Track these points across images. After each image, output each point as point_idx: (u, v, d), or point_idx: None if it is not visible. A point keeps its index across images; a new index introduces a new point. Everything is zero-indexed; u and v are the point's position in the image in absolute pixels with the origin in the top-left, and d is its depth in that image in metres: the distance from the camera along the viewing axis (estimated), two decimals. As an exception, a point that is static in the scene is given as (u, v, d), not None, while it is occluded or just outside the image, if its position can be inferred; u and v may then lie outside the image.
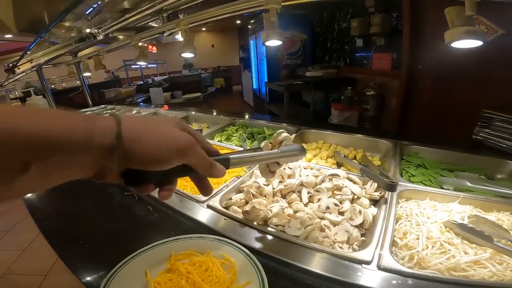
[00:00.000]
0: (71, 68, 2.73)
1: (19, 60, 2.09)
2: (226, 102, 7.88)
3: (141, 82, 5.81)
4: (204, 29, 9.68)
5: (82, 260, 0.65)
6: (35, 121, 0.26)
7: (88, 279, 0.59)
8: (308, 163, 0.99)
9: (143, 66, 6.08)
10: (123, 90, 4.42)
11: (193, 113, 1.97)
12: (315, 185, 0.81)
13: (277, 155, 0.56)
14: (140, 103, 3.83)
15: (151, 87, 4.33)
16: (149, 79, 6.01)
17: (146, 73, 6.75)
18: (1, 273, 1.97)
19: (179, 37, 2.30)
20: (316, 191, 0.79)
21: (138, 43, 1.56)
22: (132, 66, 5.90)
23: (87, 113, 2.46)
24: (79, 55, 2.48)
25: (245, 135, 1.43)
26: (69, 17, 1.70)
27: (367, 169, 0.85)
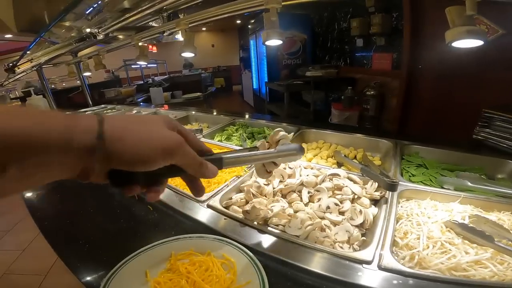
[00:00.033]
0: (71, 67, 2.74)
1: (19, 60, 2.09)
2: (226, 102, 7.88)
3: (141, 82, 5.82)
4: (204, 29, 9.69)
5: (82, 260, 0.65)
6: (12, 121, 0.25)
7: (88, 279, 0.58)
8: (309, 162, 0.99)
9: (143, 66, 6.09)
10: (123, 90, 4.42)
11: (193, 112, 1.97)
12: (315, 184, 0.81)
13: (273, 155, 0.54)
14: (140, 102, 3.83)
15: (151, 87, 4.34)
16: (149, 79, 6.01)
17: (146, 73, 6.75)
18: (1, 273, 1.97)
19: (179, 36, 2.30)
20: (317, 190, 0.79)
21: (138, 43, 1.56)
22: (132, 66, 5.90)
23: (87, 112, 2.46)
24: (79, 54, 2.48)
25: (245, 134, 1.43)
26: (69, 16, 1.70)
27: (367, 169, 0.85)
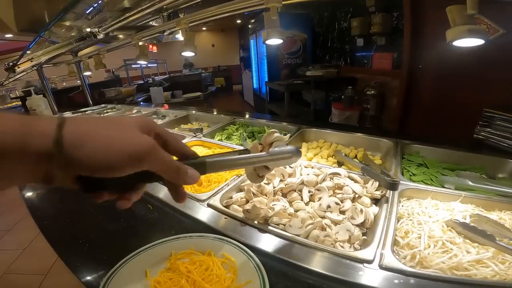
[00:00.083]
0: (71, 67, 2.74)
1: (19, 59, 2.09)
2: (227, 102, 7.89)
3: (141, 81, 5.83)
4: (204, 28, 9.69)
5: (82, 260, 0.64)
6: None
7: (88, 278, 0.58)
8: (309, 162, 0.99)
9: (143, 66, 6.09)
10: (123, 90, 4.42)
11: (194, 112, 1.97)
12: (316, 184, 0.81)
13: (265, 159, 0.50)
14: (140, 102, 3.83)
15: (151, 86, 4.34)
16: (149, 79, 6.02)
17: (146, 73, 6.76)
18: (1, 273, 1.97)
19: (179, 36, 2.30)
20: (317, 190, 0.79)
21: (139, 42, 1.56)
22: (133, 66, 5.90)
23: (87, 112, 2.46)
24: (79, 54, 2.48)
25: (245, 134, 1.43)
26: (69, 16, 1.70)
27: (368, 168, 0.84)
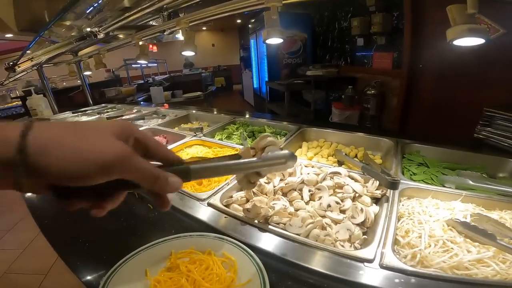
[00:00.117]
0: (71, 67, 2.74)
1: (19, 58, 2.09)
2: (227, 101, 7.89)
3: (141, 81, 5.83)
4: (204, 28, 9.69)
5: (82, 259, 0.64)
6: None
7: (88, 278, 0.58)
8: (309, 161, 0.99)
9: (143, 65, 6.09)
10: (123, 89, 4.43)
11: (194, 111, 1.97)
12: (316, 183, 0.81)
13: (257, 164, 0.47)
14: (140, 102, 3.83)
15: (151, 86, 4.34)
16: (149, 78, 6.01)
17: (146, 72, 6.75)
18: (2, 272, 1.97)
19: (179, 36, 2.30)
20: (317, 189, 0.79)
21: (139, 42, 1.56)
22: (133, 65, 5.90)
23: (87, 112, 2.46)
24: (79, 54, 2.48)
25: (245, 133, 1.43)
26: (69, 16, 1.70)
27: (368, 167, 0.84)
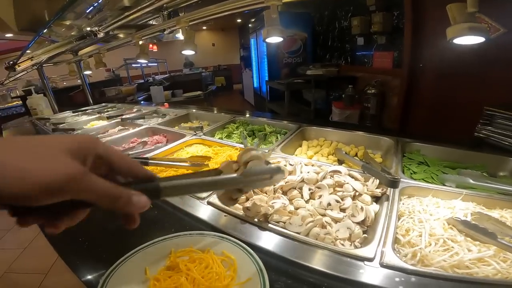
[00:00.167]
0: (71, 66, 2.74)
1: (19, 58, 2.09)
2: (227, 101, 7.89)
3: (142, 80, 5.83)
4: (204, 28, 9.69)
5: (82, 258, 0.64)
6: None
7: (89, 277, 0.58)
8: (309, 160, 0.99)
9: (144, 65, 6.10)
10: (123, 89, 4.43)
11: (194, 111, 1.97)
12: (316, 181, 0.81)
13: (238, 181, 0.42)
14: (141, 101, 3.83)
15: (152, 85, 4.35)
16: (149, 78, 6.02)
17: (147, 72, 6.76)
18: (2, 272, 1.97)
19: (179, 35, 2.30)
20: (317, 187, 0.78)
21: (139, 41, 1.55)
22: (133, 65, 5.91)
23: (87, 111, 2.46)
24: (79, 53, 2.48)
25: (245, 132, 1.42)
26: (69, 15, 1.70)
27: (368, 166, 0.84)
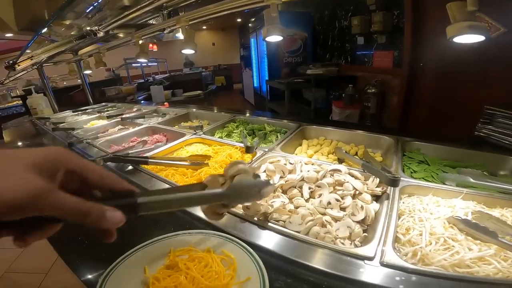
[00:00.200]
0: (71, 66, 2.74)
1: (19, 57, 2.09)
2: (227, 100, 7.89)
3: (142, 80, 5.83)
4: (204, 27, 9.68)
5: (82, 258, 0.64)
6: None
7: (89, 277, 0.58)
8: (309, 159, 0.98)
9: (144, 65, 6.10)
10: (123, 88, 4.44)
11: (194, 110, 1.97)
12: (316, 180, 0.80)
13: (223, 196, 0.39)
14: (141, 101, 3.83)
15: (152, 85, 4.34)
16: (150, 77, 6.02)
17: (147, 72, 6.76)
18: (2, 272, 1.97)
19: (179, 35, 2.30)
20: (318, 186, 0.78)
21: (139, 41, 1.55)
22: (133, 65, 5.91)
23: (87, 111, 2.46)
24: (79, 53, 2.48)
25: (245, 131, 1.42)
26: (69, 15, 1.70)
27: (368, 165, 0.84)
